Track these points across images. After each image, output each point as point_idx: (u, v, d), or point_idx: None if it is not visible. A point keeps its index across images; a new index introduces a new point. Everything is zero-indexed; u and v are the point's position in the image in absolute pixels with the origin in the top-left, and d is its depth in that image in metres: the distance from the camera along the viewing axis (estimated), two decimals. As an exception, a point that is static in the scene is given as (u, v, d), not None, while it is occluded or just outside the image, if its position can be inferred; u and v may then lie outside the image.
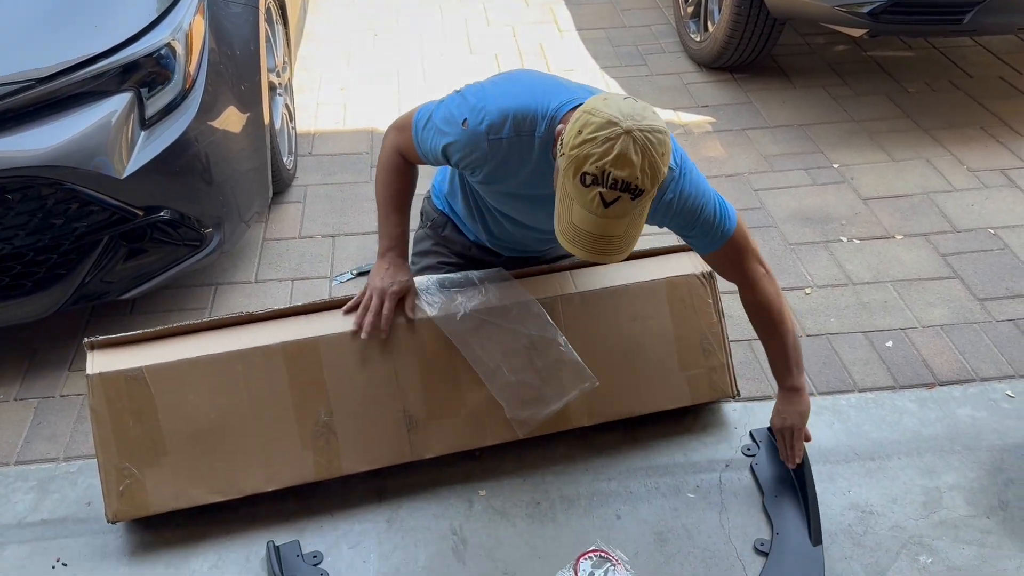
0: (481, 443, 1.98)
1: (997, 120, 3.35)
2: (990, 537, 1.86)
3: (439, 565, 1.81)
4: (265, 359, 1.84)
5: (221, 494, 1.85)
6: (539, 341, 1.94)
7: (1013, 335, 2.37)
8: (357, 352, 1.89)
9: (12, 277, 2.10)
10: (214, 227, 2.31)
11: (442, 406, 1.94)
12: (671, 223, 1.74)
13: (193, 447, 1.82)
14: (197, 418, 1.82)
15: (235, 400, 1.83)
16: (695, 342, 2.07)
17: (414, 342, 1.92)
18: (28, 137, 1.95)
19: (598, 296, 2.01)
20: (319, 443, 1.88)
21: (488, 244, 2.08)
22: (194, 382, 1.81)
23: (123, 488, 1.79)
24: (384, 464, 1.92)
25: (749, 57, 3.57)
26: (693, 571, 1.80)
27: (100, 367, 1.78)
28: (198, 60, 2.23)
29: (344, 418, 1.89)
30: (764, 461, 2.02)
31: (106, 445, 1.79)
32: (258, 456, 1.85)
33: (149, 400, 1.79)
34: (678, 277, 2.06)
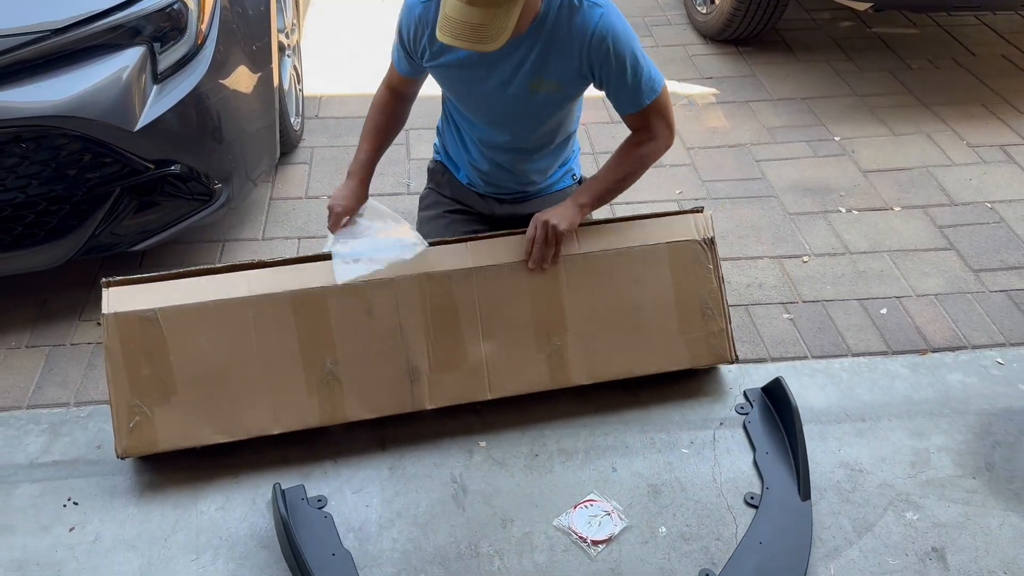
0: (482, 397, 2.02)
1: (998, 98, 3.38)
2: (975, 496, 1.91)
3: (439, 511, 1.87)
4: (274, 307, 1.89)
5: (228, 435, 1.91)
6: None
7: (1006, 305, 2.42)
8: (363, 304, 1.94)
9: (25, 226, 2.14)
10: (223, 183, 2.35)
11: (445, 360, 1.99)
12: (603, 62, 1.81)
13: (202, 388, 1.88)
14: (207, 360, 1.87)
15: (244, 345, 1.89)
16: (695, 306, 2.10)
17: (420, 298, 1.96)
18: (44, 87, 1.99)
19: (601, 257, 2.05)
20: (324, 391, 1.93)
21: (477, 185, 2.18)
22: (205, 326, 1.86)
23: (133, 425, 1.85)
24: (386, 413, 1.98)
25: (754, 30, 3.59)
26: (685, 521, 1.85)
27: (115, 307, 1.84)
28: (210, 16, 2.26)
29: (349, 368, 1.94)
30: (757, 420, 2.07)
31: (118, 382, 1.84)
32: (265, 400, 1.91)
33: (161, 341, 1.84)
34: (680, 242, 2.09)
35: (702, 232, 2.10)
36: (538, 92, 1.87)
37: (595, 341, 2.06)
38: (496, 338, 2.01)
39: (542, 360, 2.04)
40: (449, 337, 1.98)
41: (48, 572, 1.74)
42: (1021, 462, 1.99)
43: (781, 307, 2.40)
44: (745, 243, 2.62)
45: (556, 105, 1.93)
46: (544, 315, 2.03)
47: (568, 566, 1.76)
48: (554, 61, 1.82)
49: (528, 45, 1.80)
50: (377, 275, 1.95)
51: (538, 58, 1.82)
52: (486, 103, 1.95)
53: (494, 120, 1.99)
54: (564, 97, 1.92)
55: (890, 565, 1.77)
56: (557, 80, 1.85)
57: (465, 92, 1.96)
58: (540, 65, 1.83)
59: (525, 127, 1.99)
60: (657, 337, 2.09)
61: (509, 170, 2.09)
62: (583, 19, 1.77)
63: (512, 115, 1.94)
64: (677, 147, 3.08)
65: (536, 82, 1.85)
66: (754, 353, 2.26)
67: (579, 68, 1.84)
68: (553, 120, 1.98)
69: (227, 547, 1.79)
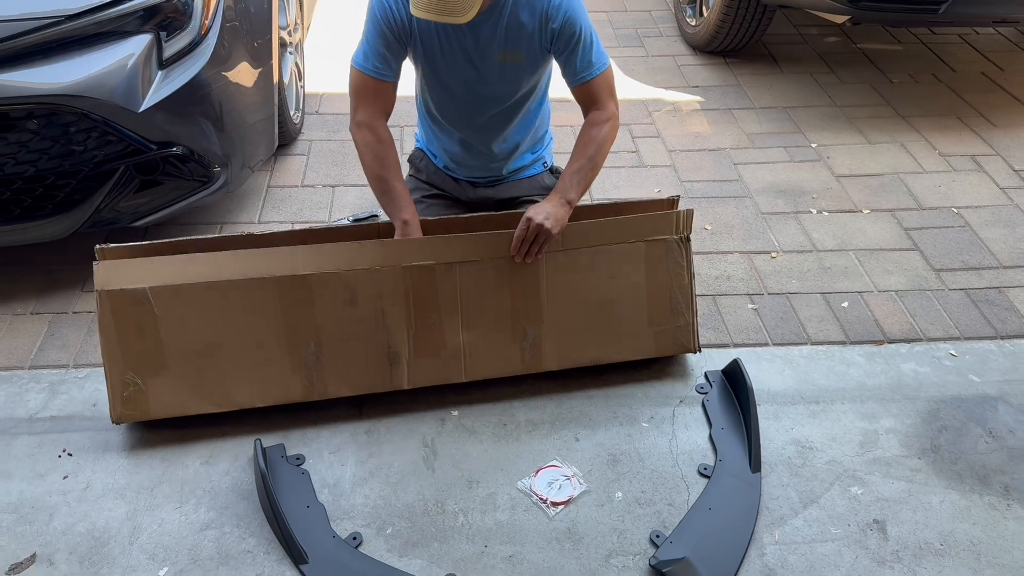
0: (458, 380, 2.14)
1: (974, 111, 3.50)
2: (919, 475, 2.02)
3: (410, 471, 1.99)
4: (260, 289, 2.00)
5: (216, 406, 2.03)
6: None
7: (963, 303, 2.53)
8: (347, 293, 2.05)
9: (34, 199, 2.28)
10: (221, 167, 2.49)
11: (425, 347, 2.11)
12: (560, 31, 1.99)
13: (191, 363, 2.00)
14: (195, 337, 1.99)
15: (231, 324, 2.00)
16: (665, 301, 2.21)
17: (404, 288, 2.07)
18: (56, 69, 2.14)
19: (581, 254, 2.15)
20: (307, 370, 2.05)
21: (452, 169, 2.33)
22: (193, 304, 1.98)
23: (127, 395, 1.98)
24: (364, 391, 2.10)
25: (741, 42, 3.73)
26: (641, 488, 1.96)
27: (107, 283, 1.94)
28: (214, 10, 2.41)
29: (331, 350, 2.06)
30: (715, 399, 2.18)
31: (112, 355, 1.97)
32: (250, 376, 2.03)
33: (152, 317, 1.96)
34: (657, 240, 2.18)
35: (679, 230, 2.19)
36: (505, 64, 2.03)
37: (568, 331, 2.17)
38: (475, 328, 2.13)
39: (517, 349, 2.16)
40: (429, 326, 2.10)
41: (42, 515, 1.87)
42: (966, 445, 2.10)
43: (747, 298, 2.52)
44: (717, 239, 2.75)
45: (522, 75, 2.08)
46: (522, 307, 2.14)
47: (528, 524, 1.88)
48: (516, 33, 1.99)
49: (494, 20, 1.97)
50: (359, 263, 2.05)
51: (504, 32, 1.98)
52: (458, 77, 2.08)
53: (464, 95, 2.12)
54: (530, 67, 2.07)
55: (832, 533, 1.88)
56: (521, 50, 2.02)
57: (441, 67, 2.08)
58: (505, 38, 1.99)
59: (493, 99, 2.12)
60: (627, 329, 2.21)
61: (479, 150, 2.22)
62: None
63: (481, 87, 2.09)
64: (659, 149, 3.22)
65: (502, 54, 2.01)
66: (718, 339, 2.38)
67: (540, 39, 2.00)
68: (520, 93, 2.13)
69: (209, 497, 1.91)
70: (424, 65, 2.11)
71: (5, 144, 2.17)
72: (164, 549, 1.80)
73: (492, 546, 1.83)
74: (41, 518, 1.86)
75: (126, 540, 1.82)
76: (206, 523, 1.86)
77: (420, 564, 1.79)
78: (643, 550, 1.83)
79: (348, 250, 2.04)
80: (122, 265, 1.97)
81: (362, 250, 2.05)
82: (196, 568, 1.77)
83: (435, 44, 2.04)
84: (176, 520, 1.86)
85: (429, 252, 2.07)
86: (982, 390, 2.24)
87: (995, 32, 4.17)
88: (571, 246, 2.13)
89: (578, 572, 1.79)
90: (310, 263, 2.02)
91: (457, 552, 1.82)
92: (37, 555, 1.79)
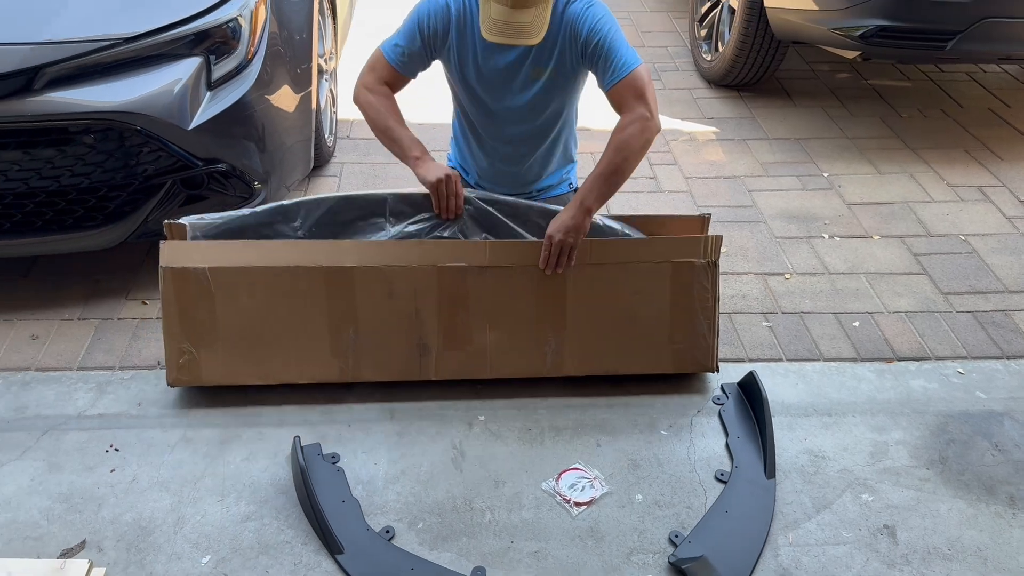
0: (482, 375, 2.26)
1: (981, 145, 3.62)
2: (927, 484, 2.10)
3: (440, 471, 2.08)
4: (308, 277, 2.16)
5: (260, 378, 2.20)
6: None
7: (971, 324, 2.62)
8: (386, 287, 2.19)
9: (87, 210, 2.42)
10: (261, 184, 2.63)
11: (453, 342, 2.24)
12: (586, 40, 2.09)
13: (241, 338, 2.17)
14: (247, 315, 2.16)
15: (279, 306, 2.17)
16: (688, 321, 2.29)
17: (437, 287, 2.20)
18: (113, 88, 2.28)
19: (607, 269, 2.25)
20: (345, 355, 2.20)
21: (482, 184, 2.43)
22: (247, 285, 2.15)
23: (182, 362, 2.15)
24: (395, 378, 2.24)
25: (754, 76, 3.87)
26: (660, 491, 2.05)
27: (172, 261, 2.12)
28: (259, 36, 2.57)
29: (367, 338, 2.20)
30: (731, 409, 2.27)
31: (171, 326, 2.15)
32: (293, 354, 2.19)
33: (209, 295, 2.13)
34: (684, 263, 2.25)
35: (708, 255, 2.25)
36: (539, 80, 2.16)
37: (590, 341, 2.28)
38: (501, 329, 2.25)
39: (539, 352, 2.27)
40: (459, 323, 2.23)
41: (91, 504, 1.97)
42: (972, 458, 2.18)
43: (761, 316, 2.63)
44: (733, 261, 2.86)
45: (555, 89, 2.20)
46: (547, 314, 2.25)
47: (552, 522, 1.97)
48: (551, 47, 2.12)
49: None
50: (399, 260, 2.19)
51: (538, 47, 2.11)
52: (495, 92, 2.21)
53: (500, 110, 2.24)
54: (563, 81, 2.19)
55: (844, 537, 1.96)
56: (547, 67, 2.14)
57: (477, 82, 2.20)
58: (539, 54, 2.13)
59: (527, 114, 2.24)
60: (648, 344, 2.30)
61: (512, 162, 2.34)
62: (574, 7, 2.09)
63: (511, 101, 2.21)
64: (676, 176, 3.35)
65: (536, 71, 2.14)
66: (733, 354, 2.48)
67: (570, 54, 2.12)
68: (552, 107, 2.24)
69: (249, 492, 2.01)
70: (457, 77, 2.24)
71: (63, 157, 2.31)
72: (207, 538, 1.90)
73: (518, 542, 1.92)
74: (90, 508, 1.96)
75: (171, 529, 1.92)
76: (246, 515, 1.95)
77: (450, 557, 1.88)
78: (662, 549, 1.92)
79: (390, 248, 2.20)
80: (185, 246, 2.15)
81: (402, 249, 2.20)
82: (237, 557, 1.86)
83: (468, 58, 2.17)
84: (218, 512, 1.96)
85: (463, 255, 2.20)
86: (988, 406, 2.33)
87: (1001, 70, 4.30)
88: (598, 261, 2.24)
89: (600, 568, 1.87)
90: (355, 257, 2.17)
91: (485, 547, 1.91)
92: (87, 541, 1.89)
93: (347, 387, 2.27)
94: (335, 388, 2.27)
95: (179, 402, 2.24)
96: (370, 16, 4.77)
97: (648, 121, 2.08)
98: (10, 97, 2.22)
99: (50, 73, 2.24)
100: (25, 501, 1.97)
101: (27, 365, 2.36)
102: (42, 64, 2.22)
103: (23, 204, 2.37)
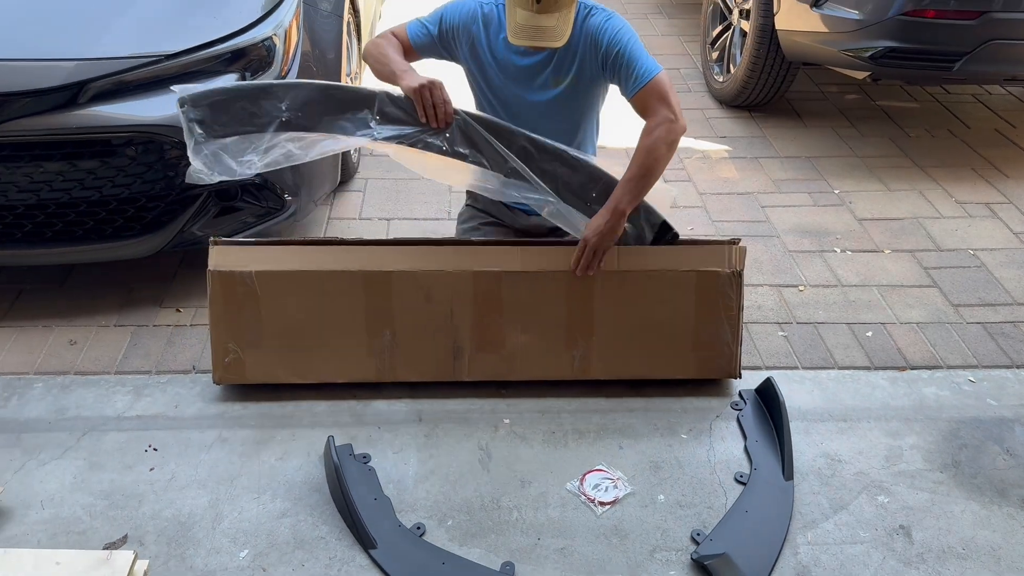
0: (511, 377, 2.35)
1: (988, 164, 3.70)
2: (941, 486, 2.16)
3: (467, 471, 2.15)
4: (348, 281, 2.26)
5: (300, 377, 2.30)
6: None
7: (981, 335, 2.69)
8: (423, 291, 2.29)
9: (126, 219, 2.51)
10: (292, 197, 2.72)
11: (485, 344, 2.33)
12: (606, 51, 2.19)
13: (284, 339, 2.27)
14: (289, 317, 2.26)
15: (320, 308, 2.27)
16: (712, 329, 2.36)
17: (473, 291, 2.29)
18: (155, 102, 2.38)
19: (635, 276, 2.33)
20: (381, 355, 2.30)
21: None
22: (291, 289, 2.25)
23: (227, 360, 2.26)
24: (429, 379, 2.33)
25: (766, 97, 3.97)
26: (681, 492, 2.12)
27: (219, 265, 2.23)
28: (292, 55, 2.67)
29: (404, 339, 2.30)
30: (749, 414, 2.34)
31: (218, 326, 2.25)
32: (332, 354, 2.30)
33: (254, 297, 2.23)
34: (709, 272, 2.33)
35: (733, 265, 2.33)
36: (560, 86, 2.26)
37: (616, 347, 2.36)
38: (532, 332, 2.33)
39: (568, 356, 2.35)
40: (492, 326, 2.32)
41: (132, 501, 2.04)
42: (984, 462, 2.24)
43: (777, 326, 2.70)
44: (748, 273, 2.89)
45: (576, 97, 2.30)
46: (576, 319, 2.33)
47: (577, 521, 2.03)
48: (571, 57, 2.23)
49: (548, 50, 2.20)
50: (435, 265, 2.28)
51: (559, 57, 2.22)
52: (513, 96, 2.30)
53: (521, 110, 2.32)
54: (583, 89, 2.29)
55: (861, 537, 2.02)
56: (568, 76, 2.25)
57: (495, 89, 2.31)
58: (560, 63, 2.24)
59: (549, 121, 2.31)
60: (672, 350, 2.38)
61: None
62: (594, 20, 2.20)
63: (538, 110, 2.30)
64: (691, 192, 3.43)
65: (556, 78, 2.25)
66: (750, 362, 2.55)
67: (591, 64, 2.23)
68: (572, 116, 2.34)
69: (284, 489, 2.08)
70: (479, 85, 2.34)
71: (105, 168, 2.40)
72: (244, 534, 1.97)
73: (544, 539, 1.98)
74: (131, 504, 2.03)
75: (209, 525, 1.98)
76: (282, 512, 2.02)
77: (479, 552, 1.94)
78: (685, 546, 1.98)
79: (426, 253, 2.29)
80: (233, 251, 2.25)
81: (438, 254, 2.29)
82: (274, 551, 1.93)
83: (489, 67, 2.28)
84: (254, 509, 2.03)
85: (497, 260, 2.29)
86: (1000, 413, 2.39)
87: (1007, 93, 4.40)
88: (626, 268, 2.32)
89: (625, 564, 1.93)
90: (393, 262, 2.27)
91: (513, 543, 1.97)
92: (129, 536, 1.95)
93: (376, 390, 2.35)
94: (365, 392, 2.35)
95: (215, 404, 2.32)
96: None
97: (673, 123, 2.16)
98: (56, 110, 2.32)
99: (95, 88, 2.34)
100: (68, 498, 2.04)
101: (66, 369, 2.44)
102: (87, 79, 2.33)
103: (65, 213, 2.46)
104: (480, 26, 2.27)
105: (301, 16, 2.74)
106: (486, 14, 2.26)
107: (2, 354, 2.49)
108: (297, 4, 2.72)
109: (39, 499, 2.04)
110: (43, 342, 2.53)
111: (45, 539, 1.94)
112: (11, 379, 2.40)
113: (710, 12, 4.33)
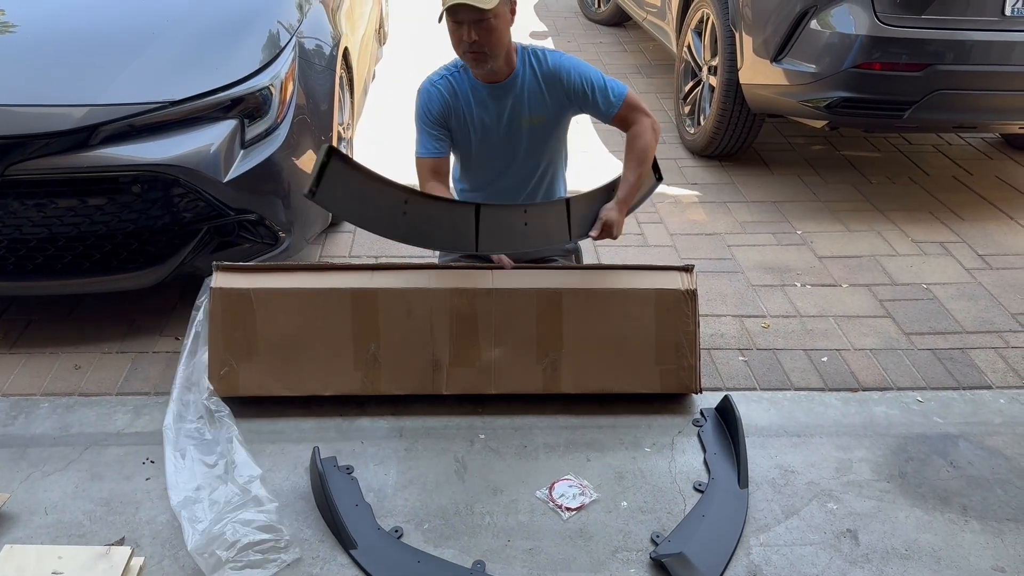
0: (487, 391, 2.52)
1: (945, 208, 3.92)
2: (887, 495, 2.31)
3: (444, 481, 2.30)
4: (338, 299, 2.46)
5: (290, 390, 2.47)
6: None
7: (930, 360, 2.87)
8: (405, 307, 2.48)
9: (130, 252, 2.70)
10: (286, 233, 2.92)
11: (462, 357, 2.51)
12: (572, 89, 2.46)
13: (277, 352, 2.45)
14: (282, 332, 2.45)
15: (311, 325, 2.46)
16: (672, 344, 2.56)
17: (449, 307, 2.49)
18: (161, 144, 2.60)
19: (599, 293, 2.54)
20: (366, 368, 2.48)
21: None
22: (285, 306, 2.45)
23: (223, 373, 2.42)
24: (411, 392, 2.50)
25: (734, 146, 4.21)
26: (644, 499, 2.27)
27: (221, 284, 2.43)
28: (287, 104, 2.90)
29: (387, 353, 2.48)
30: (709, 430, 2.50)
31: (216, 340, 2.43)
32: (321, 368, 2.47)
33: (251, 313, 2.43)
34: (667, 290, 2.55)
35: (686, 285, 2.56)
36: (532, 125, 2.50)
37: (584, 360, 2.54)
38: (504, 346, 2.51)
39: (539, 368, 2.53)
40: (467, 340, 2.50)
41: (129, 507, 2.19)
42: (929, 473, 2.40)
43: (738, 352, 2.88)
44: (712, 305, 3.12)
45: (546, 134, 2.55)
46: (545, 334, 2.52)
47: (545, 525, 2.18)
48: (536, 100, 2.47)
49: (515, 94, 2.46)
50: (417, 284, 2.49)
51: (526, 101, 2.46)
52: (493, 144, 2.53)
53: (496, 159, 2.56)
54: (553, 125, 2.55)
55: (810, 539, 2.16)
56: (543, 113, 2.49)
57: (478, 139, 2.54)
58: (529, 105, 2.47)
59: (521, 159, 2.57)
60: (636, 364, 2.56)
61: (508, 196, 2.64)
62: (547, 64, 2.46)
63: (512, 149, 2.54)
64: (662, 232, 3.65)
65: (528, 119, 2.49)
66: (712, 384, 2.72)
67: (559, 99, 2.48)
68: (544, 152, 2.58)
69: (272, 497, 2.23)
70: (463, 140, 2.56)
71: (113, 204, 2.61)
72: (234, 536, 2.11)
73: (514, 541, 2.13)
74: (128, 510, 2.18)
75: (201, 528, 2.13)
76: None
77: (452, 552, 2.09)
78: (645, 547, 2.12)
79: (410, 274, 2.52)
80: (235, 273, 2.47)
81: (420, 274, 2.52)
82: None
83: (470, 133, 2.51)
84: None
85: (472, 280, 2.51)
86: (945, 429, 2.55)
87: (965, 143, 4.66)
88: (591, 285, 2.52)
89: (588, 563, 2.08)
90: (379, 281, 2.48)
91: (484, 544, 2.11)
92: (126, 538, 2.10)
93: (361, 408, 2.52)
94: (350, 409, 2.51)
95: (208, 422, 2.48)
96: (383, 94, 5.18)
97: (653, 121, 2.56)
98: (70, 151, 2.53)
99: (105, 131, 2.56)
100: (70, 505, 2.19)
101: (71, 391, 2.61)
102: (99, 123, 2.55)
103: (75, 247, 2.66)
104: (452, 97, 2.48)
105: (296, 69, 2.98)
106: (446, 88, 2.47)
107: (11, 377, 2.66)
108: (293, 58, 2.96)
109: (43, 506, 2.18)
110: (50, 367, 2.71)
111: (48, 541, 2.08)
112: (19, 399, 2.56)
113: (682, 69, 4.61)
